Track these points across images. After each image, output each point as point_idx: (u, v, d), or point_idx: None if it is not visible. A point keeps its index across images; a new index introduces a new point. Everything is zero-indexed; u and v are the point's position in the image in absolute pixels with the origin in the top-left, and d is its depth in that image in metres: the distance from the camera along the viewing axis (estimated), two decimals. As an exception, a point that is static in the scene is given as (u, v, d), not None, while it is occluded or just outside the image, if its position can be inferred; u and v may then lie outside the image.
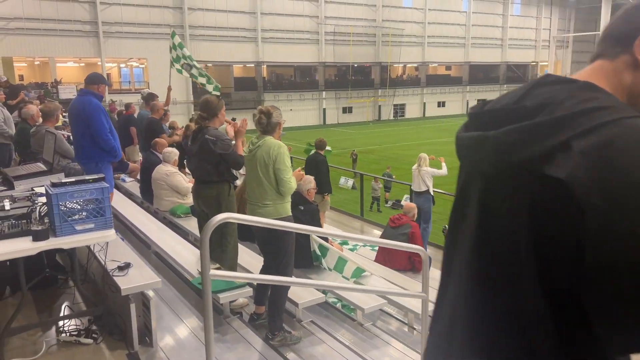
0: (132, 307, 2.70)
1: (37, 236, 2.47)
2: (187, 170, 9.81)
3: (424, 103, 56.98)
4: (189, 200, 5.76)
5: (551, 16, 64.90)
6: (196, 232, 5.07)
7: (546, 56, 66.36)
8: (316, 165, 7.83)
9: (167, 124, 8.54)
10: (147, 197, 6.23)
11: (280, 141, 3.61)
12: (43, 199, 2.92)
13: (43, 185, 3.07)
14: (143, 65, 43.08)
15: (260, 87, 46.58)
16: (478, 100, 60.07)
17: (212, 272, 2.14)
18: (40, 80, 37.39)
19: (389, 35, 51.40)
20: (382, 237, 5.70)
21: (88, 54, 38.35)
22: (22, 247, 2.46)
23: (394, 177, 20.42)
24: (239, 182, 5.00)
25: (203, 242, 2.13)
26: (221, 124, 4.16)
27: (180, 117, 39.29)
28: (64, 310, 2.94)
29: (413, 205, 6.02)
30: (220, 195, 3.98)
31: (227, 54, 43.38)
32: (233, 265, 4.07)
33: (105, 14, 37.84)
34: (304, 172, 3.74)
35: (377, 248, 5.77)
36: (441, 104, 58.30)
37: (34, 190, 3.08)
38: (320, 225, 4.82)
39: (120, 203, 5.26)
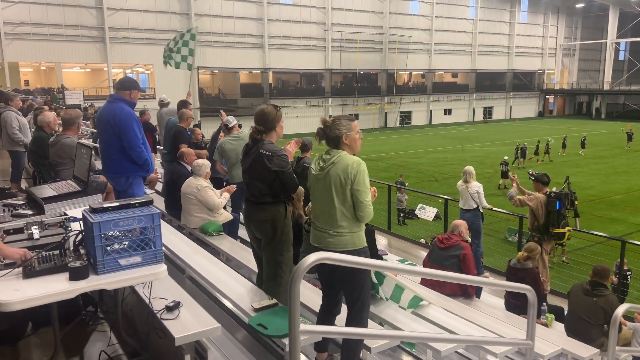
0: (187, 358, 2.24)
1: (76, 274, 2.03)
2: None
3: (430, 110, 56.63)
4: (221, 217, 5.35)
5: (558, 24, 64.66)
6: (231, 252, 4.62)
7: (553, 64, 66.06)
8: None
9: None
10: (172, 212, 5.78)
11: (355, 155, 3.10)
12: (76, 225, 2.48)
13: (77, 208, 2.64)
14: (149, 71, 42.80)
15: (266, 94, 46.28)
16: (484, 108, 59.74)
17: (303, 327, 1.69)
18: (46, 86, 37.13)
19: (395, 43, 51.14)
20: (429, 259, 5.23)
21: (94, 59, 38.13)
22: (57, 288, 1.96)
23: (407, 184, 20.06)
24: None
25: (292, 293, 1.67)
26: (279, 138, 3.59)
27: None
28: (100, 356, 2.47)
29: (461, 222, 5.47)
30: (276, 219, 3.50)
31: (234, 60, 43.10)
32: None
33: (112, 20, 37.65)
34: (376, 191, 3.21)
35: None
36: (447, 112, 57.94)
37: (66, 214, 2.61)
38: (376, 248, 4.36)
39: None
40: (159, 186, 7.42)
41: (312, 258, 1.76)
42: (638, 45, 64.62)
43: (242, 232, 5.90)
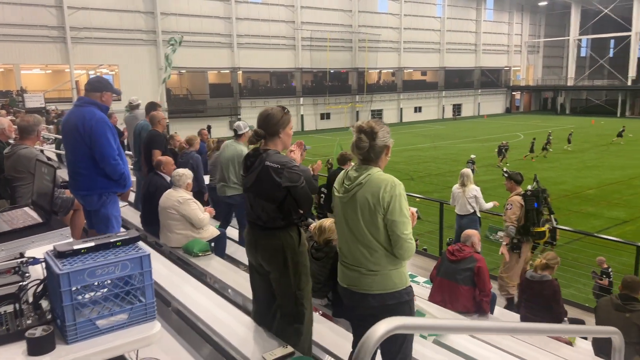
0: None
1: (36, 347, 1.48)
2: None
3: (401, 108, 56.75)
4: (206, 233, 4.76)
5: (522, 22, 65.78)
6: (222, 277, 4.04)
7: (519, 61, 67.18)
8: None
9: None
10: (150, 229, 5.13)
11: (382, 170, 2.53)
12: (37, 269, 1.91)
13: (37, 247, 2.06)
14: (114, 72, 41.36)
15: (236, 94, 45.41)
16: (453, 105, 60.31)
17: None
18: (4, 89, 35.40)
19: (365, 41, 50.98)
20: (438, 273, 4.80)
21: (55, 60, 36.55)
22: (7, 367, 1.35)
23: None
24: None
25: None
26: (285, 148, 3.01)
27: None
28: None
29: (473, 232, 5.03)
30: (287, 247, 2.89)
31: (202, 60, 42.05)
32: (309, 347, 2.98)
33: (73, 19, 36.13)
34: (416, 213, 2.67)
35: (430, 283, 4.91)
36: (418, 110, 58.18)
37: (23, 256, 2.01)
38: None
39: None
40: (132, 196, 6.79)
41: (382, 328, 1.28)
42: (599, 42, 66.48)
43: (231, 249, 5.34)
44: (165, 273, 3.78)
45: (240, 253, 5.14)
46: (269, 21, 45.67)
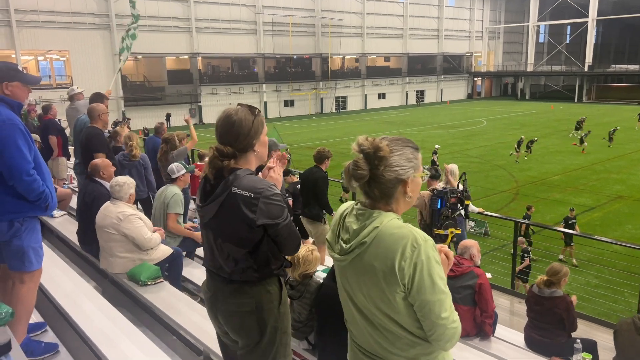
0: None
1: None
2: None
3: (365, 95, 56.34)
4: (156, 253, 3.92)
5: (483, 8, 66.19)
6: (179, 318, 3.22)
7: (480, 47, 67.72)
8: (315, 184, 5.97)
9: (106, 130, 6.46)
10: (89, 248, 4.24)
11: (394, 213, 1.68)
12: None
13: None
14: (65, 58, 39.14)
15: (196, 80, 43.83)
16: (417, 91, 60.33)
17: None
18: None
19: (328, 26, 50.07)
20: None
21: (-1, 45, 34.17)
22: None
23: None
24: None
25: None
26: (261, 162, 2.18)
27: (110, 116, 35.88)
28: None
29: (472, 242, 4.32)
30: (263, 308, 2.09)
31: (159, 45, 40.22)
32: None
33: (18, 1, 33.76)
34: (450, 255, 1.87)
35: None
36: (382, 96, 57.91)
37: None
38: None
39: (48, 267, 3.25)
40: (74, 201, 5.87)
41: None
42: (556, 28, 67.75)
43: (190, 270, 4.55)
44: (105, 326, 2.95)
45: (201, 274, 4.36)
46: (229, 5, 44.13)
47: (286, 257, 2.20)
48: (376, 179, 1.66)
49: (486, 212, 7.42)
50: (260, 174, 2.19)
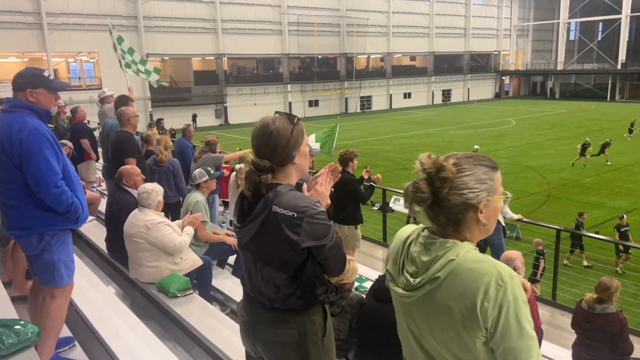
0: None
1: None
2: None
3: (390, 95, 55.87)
4: (185, 263, 3.78)
5: (512, 5, 64.93)
6: (209, 334, 3.05)
7: (508, 45, 66.48)
8: (345, 187, 5.66)
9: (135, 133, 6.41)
10: (118, 257, 4.16)
11: (460, 242, 1.44)
12: None
13: None
14: (94, 60, 39.85)
15: (221, 81, 44.12)
16: (443, 90, 59.57)
17: None
18: (-23, 78, 33.85)
19: (353, 26, 49.80)
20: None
21: (31, 48, 34.96)
22: None
23: (375, 176, 18.89)
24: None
25: None
26: (303, 175, 1.98)
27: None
28: None
29: (514, 254, 3.95)
30: (307, 341, 1.91)
31: (185, 46, 40.63)
32: None
33: (49, 4, 34.51)
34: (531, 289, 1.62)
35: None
36: (407, 95, 57.35)
37: None
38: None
39: (76, 276, 3.14)
40: (103, 205, 5.82)
41: None
42: (588, 25, 65.99)
43: (220, 279, 4.43)
44: (133, 344, 2.83)
45: (231, 284, 4.23)
46: (255, 5, 44.27)
47: (331, 280, 2.02)
48: (440, 203, 1.44)
49: (525, 219, 7.03)
50: (305, 185, 2.02)
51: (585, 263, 11.72)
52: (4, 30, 33.06)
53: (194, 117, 40.95)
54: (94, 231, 4.91)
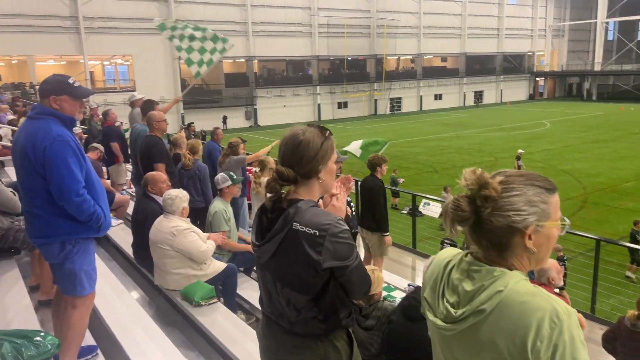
0: None
1: None
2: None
3: (421, 96, 55.27)
4: (210, 270, 3.74)
5: (547, 5, 63.42)
6: (233, 347, 2.96)
7: (543, 46, 64.95)
8: (370, 194, 5.66)
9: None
10: (144, 263, 4.16)
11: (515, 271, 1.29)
12: None
13: None
14: (128, 63, 40.76)
15: (252, 83, 44.48)
16: (475, 92, 58.58)
17: None
18: (19, 81, 35.04)
19: (383, 27, 49.49)
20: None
21: (69, 51, 36.01)
22: None
23: (401, 181, 18.59)
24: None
25: None
26: (327, 192, 1.88)
27: (169, 119, 37.05)
28: None
29: (552, 262, 3.77)
30: None
31: (217, 48, 41.08)
32: None
33: (86, 9, 35.49)
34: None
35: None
36: (438, 97, 56.64)
37: None
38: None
39: (102, 283, 3.12)
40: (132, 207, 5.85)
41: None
42: (627, 25, 63.78)
43: (245, 287, 4.36)
44: (154, 353, 2.76)
45: (257, 293, 4.16)
46: (285, 7, 44.50)
47: (355, 301, 1.91)
48: (482, 225, 1.30)
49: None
50: (321, 201, 1.92)
51: (628, 274, 11.24)
52: (43, 34, 34.15)
53: (225, 119, 41.39)
54: (121, 235, 4.93)
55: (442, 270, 1.42)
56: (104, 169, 7.88)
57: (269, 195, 1.79)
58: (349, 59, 49.70)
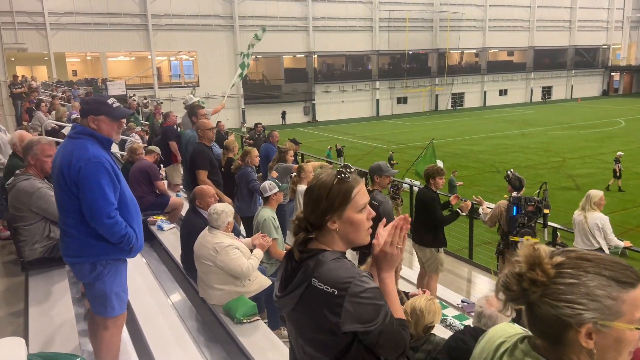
0: None
1: None
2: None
3: (485, 91, 53.41)
4: (253, 285, 3.67)
5: (625, -6, 59.40)
6: None
7: (619, 38, 60.85)
8: (424, 206, 5.39)
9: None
10: (192, 275, 4.13)
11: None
12: None
13: None
14: (193, 58, 42.02)
15: (311, 79, 44.64)
16: (543, 87, 55.88)
17: None
18: (92, 76, 36.98)
19: (447, 20, 48.14)
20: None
21: (138, 47, 37.63)
22: None
23: (459, 184, 17.80)
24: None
25: None
26: (351, 246, 1.65)
27: (230, 114, 37.87)
28: None
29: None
30: None
31: (277, 44, 41.53)
32: None
33: (154, 7, 36.93)
34: None
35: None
36: (503, 92, 54.50)
37: None
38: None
39: (140, 292, 3.06)
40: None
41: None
42: None
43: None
44: None
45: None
46: (346, 2, 44.28)
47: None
48: (533, 310, 1.10)
49: (634, 248, 5.97)
50: (380, 228, 1.67)
51: None
52: (115, 31, 35.87)
53: (283, 114, 41.84)
54: (172, 239, 4.97)
55: (492, 352, 1.24)
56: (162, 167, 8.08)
57: (294, 240, 1.64)
58: (410, 53, 48.78)
